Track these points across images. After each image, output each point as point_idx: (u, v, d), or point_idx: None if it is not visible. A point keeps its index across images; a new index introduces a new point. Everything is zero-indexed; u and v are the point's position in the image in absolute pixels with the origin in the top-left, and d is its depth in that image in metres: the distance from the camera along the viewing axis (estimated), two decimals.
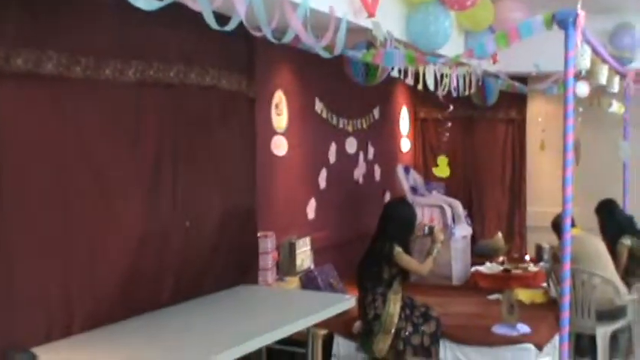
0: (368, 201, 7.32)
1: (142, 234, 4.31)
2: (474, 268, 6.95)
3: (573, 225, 5.79)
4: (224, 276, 5.01)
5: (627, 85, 7.44)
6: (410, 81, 5.71)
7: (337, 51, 4.38)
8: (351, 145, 7.23)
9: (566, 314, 4.75)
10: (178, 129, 4.63)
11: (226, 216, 5.03)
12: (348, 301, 4.91)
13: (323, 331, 5.35)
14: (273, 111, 5.98)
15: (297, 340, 4.87)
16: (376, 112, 7.72)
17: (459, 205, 7.17)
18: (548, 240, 6.74)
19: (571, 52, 4.62)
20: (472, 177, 8.90)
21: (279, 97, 6.05)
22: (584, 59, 5.23)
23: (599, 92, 7.33)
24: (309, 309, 4.62)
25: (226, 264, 5.03)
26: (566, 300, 4.77)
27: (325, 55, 4.33)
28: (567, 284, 4.78)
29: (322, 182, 6.73)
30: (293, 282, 5.74)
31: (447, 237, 6.72)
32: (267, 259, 5.48)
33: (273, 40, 3.58)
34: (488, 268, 6.84)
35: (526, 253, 7.34)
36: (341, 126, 7.02)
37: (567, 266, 4.77)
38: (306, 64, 6.10)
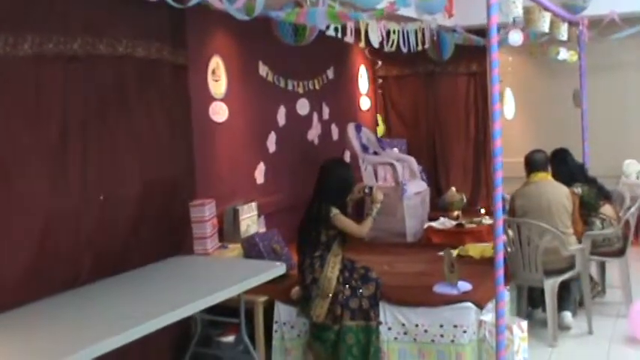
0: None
1: (48, 212, 3.94)
2: (427, 225, 6.52)
3: (544, 169, 5.50)
4: (153, 248, 4.65)
5: (581, 32, 6.92)
6: (350, 39, 5.33)
7: (256, 11, 3.98)
8: (302, 107, 6.85)
9: (500, 272, 4.36)
10: (88, 102, 4.23)
11: (150, 187, 4.66)
12: (278, 269, 4.54)
13: (263, 298, 4.99)
14: (210, 77, 5.59)
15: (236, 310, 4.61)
16: (330, 73, 7.32)
17: (413, 161, 6.78)
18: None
19: None
20: (436, 132, 8.51)
21: (216, 63, 5.66)
22: (517, 7, 4.76)
23: (551, 41, 6.84)
24: (238, 277, 4.27)
25: (154, 236, 4.67)
26: (500, 257, 4.37)
27: (241, 16, 3.98)
28: (500, 240, 4.38)
29: (271, 146, 6.38)
30: (235, 249, 5.36)
31: (399, 194, 6.37)
32: (206, 227, 5.09)
33: (173, 4, 3.26)
34: (440, 223, 6.46)
35: (482, 206, 6.91)
36: (290, 88, 6.63)
37: (500, 222, 4.36)
38: (247, 28, 5.64)
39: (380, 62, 6.74)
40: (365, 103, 8.19)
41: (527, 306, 5.71)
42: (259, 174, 6.20)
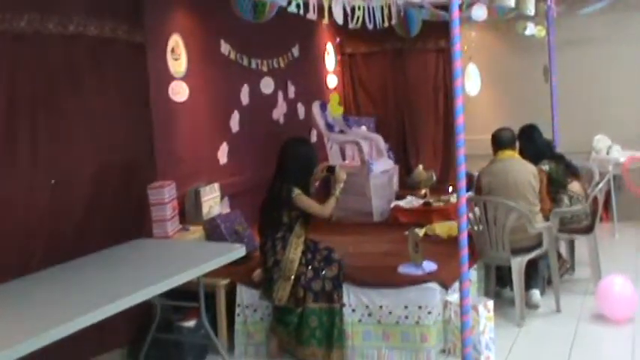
0: None
1: None
2: (393, 204, 6.46)
3: (511, 147, 5.45)
4: (109, 233, 4.55)
5: (549, 8, 6.86)
6: (312, 16, 5.23)
7: None
8: (267, 86, 6.74)
9: (464, 252, 4.31)
10: (37, 82, 4.11)
11: (106, 169, 4.57)
12: (237, 251, 4.43)
13: (224, 281, 4.94)
14: (169, 56, 5.46)
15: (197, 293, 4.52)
16: (295, 50, 7.20)
17: (379, 139, 6.72)
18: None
19: None
20: (405, 109, 8.43)
21: (176, 42, 5.53)
22: None
23: (518, 16, 6.78)
24: (197, 260, 4.18)
25: (111, 220, 4.58)
26: (464, 236, 4.32)
27: None
28: (464, 219, 4.32)
29: (235, 125, 6.27)
30: (197, 231, 5.28)
31: (365, 173, 6.30)
32: (165, 210, 5.00)
33: None
34: (407, 202, 6.39)
35: (450, 184, 6.85)
36: (254, 66, 6.51)
37: (463, 200, 4.30)
38: (208, 4, 5.63)
39: (338, 39, 6.63)
40: (332, 81, 8.09)
41: (496, 285, 5.68)
42: (222, 154, 6.09)
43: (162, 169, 5.23)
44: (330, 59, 8.09)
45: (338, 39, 7.46)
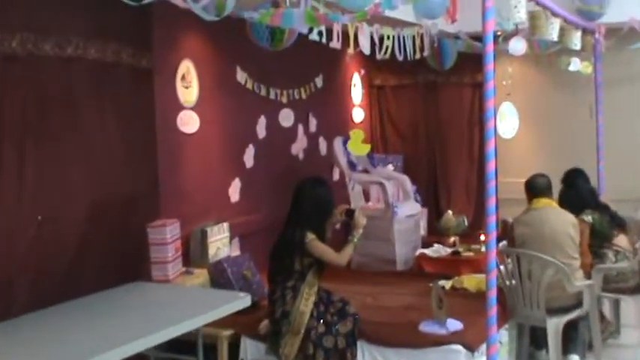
0: None
1: None
2: (419, 251, 6.23)
3: (544, 194, 5.27)
4: (103, 275, 4.38)
5: (597, 42, 6.63)
6: (336, 44, 5.10)
7: (226, 11, 3.77)
8: (286, 118, 6.61)
9: (492, 311, 4.08)
10: (28, 106, 3.97)
11: (101, 205, 4.40)
12: (240, 300, 4.24)
13: (227, 332, 4.74)
14: (179, 83, 5.34)
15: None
16: (319, 81, 7.08)
17: (406, 180, 6.53)
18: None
19: (488, 1, 3.87)
20: (436, 148, 8.22)
21: (187, 68, 5.41)
22: (518, 12, 4.48)
23: (562, 50, 6.57)
24: (195, 309, 4.00)
25: (105, 261, 4.41)
26: (492, 294, 4.08)
27: (208, 17, 3.80)
28: (494, 275, 4.09)
29: (249, 160, 6.14)
30: (201, 275, 5.10)
31: (389, 217, 6.09)
32: (167, 251, 4.81)
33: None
34: (434, 250, 6.16)
35: (480, 233, 6.59)
36: (272, 97, 6.37)
37: (493, 254, 4.07)
38: (223, 29, 5.42)
39: (363, 70, 6.49)
40: (358, 115, 7.94)
41: (530, 345, 5.42)
42: (234, 191, 5.94)
43: (167, 205, 5.07)
44: (357, 91, 7.94)
45: (363, 70, 7.30)
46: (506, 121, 5.07)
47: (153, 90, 4.94)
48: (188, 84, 5.40)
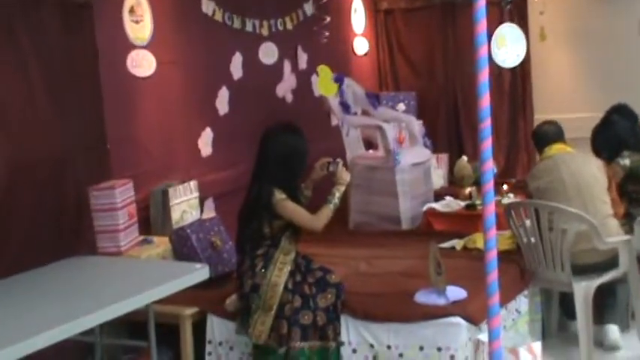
0: (304, 123, 6.50)
1: None
2: (427, 206, 6.14)
3: (556, 140, 5.25)
4: (31, 250, 4.35)
5: None
6: None
7: None
8: (268, 54, 6.56)
9: (492, 276, 3.92)
10: None
11: (25, 167, 4.34)
12: (198, 272, 4.17)
13: (191, 311, 4.71)
14: (127, 18, 5.25)
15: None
16: (308, 7, 6.99)
17: (413, 122, 6.44)
18: None
19: None
20: (457, 82, 8.10)
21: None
22: None
23: None
24: (141, 286, 3.92)
25: (33, 234, 4.38)
26: (492, 255, 3.93)
27: None
28: (493, 234, 3.95)
29: (222, 106, 6.09)
30: (162, 244, 5.07)
31: (390, 166, 6.00)
32: (117, 218, 4.77)
33: None
34: (445, 204, 6.08)
35: (504, 182, 6.46)
36: (249, 29, 6.31)
37: (491, 208, 3.92)
38: None
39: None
40: (361, 46, 7.86)
41: (563, 315, 5.41)
42: (205, 143, 5.92)
43: (118, 163, 5.05)
44: (359, 18, 7.84)
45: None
46: (506, 47, 4.86)
47: (93, 28, 4.85)
48: (139, 18, 5.32)
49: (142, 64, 5.34)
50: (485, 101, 3.91)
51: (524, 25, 7.87)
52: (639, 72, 7.18)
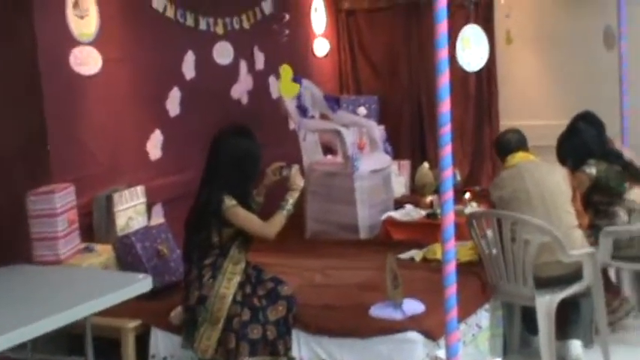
0: (260, 126, 6.48)
1: None
2: (386, 215, 6.13)
3: (518, 148, 5.24)
4: None
5: None
6: None
7: None
8: (223, 53, 6.55)
9: (451, 290, 3.93)
10: None
11: None
12: (140, 283, 4.12)
13: (134, 324, 4.66)
14: (71, 12, 5.17)
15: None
16: (266, 5, 6.98)
17: (373, 127, 6.48)
18: None
19: None
20: (422, 85, 8.11)
21: None
22: None
23: None
24: (77, 298, 3.85)
25: None
26: (451, 268, 3.92)
27: None
28: (451, 245, 3.94)
29: (173, 107, 6.07)
30: (104, 253, 5.00)
31: (348, 172, 5.96)
32: (56, 224, 4.71)
33: None
34: (404, 213, 6.05)
35: (467, 190, 6.43)
36: (203, 27, 6.30)
37: (449, 218, 3.90)
38: None
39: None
40: (321, 47, 7.86)
41: (524, 330, 5.34)
42: (154, 146, 5.89)
43: (59, 166, 5.01)
44: (319, 17, 7.84)
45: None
46: (470, 49, 4.80)
47: (32, 22, 4.80)
48: (83, 12, 5.26)
49: (87, 61, 5.29)
50: (445, 106, 3.91)
51: (490, 27, 7.88)
52: (605, 79, 7.12)
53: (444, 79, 3.92)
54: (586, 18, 7.55)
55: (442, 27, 3.90)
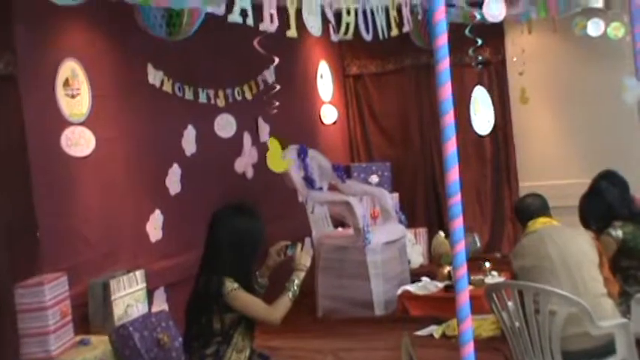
0: (267, 200, 6.40)
1: None
2: (402, 289, 5.92)
3: (540, 214, 4.90)
4: None
5: None
6: (269, 26, 4.64)
7: None
8: (225, 126, 6.46)
9: None
10: None
11: None
12: None
13: None
14: (61, 91, 5.04)
15: None
16: (269, 74, 6.82)
17: (385, 195, 6.29)
18: None
19: None
20: (435, 149, 7.94)
21: (71, 70, 5.13)
22: None
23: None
24: None
25: None
26: (469, 349, 3.57)
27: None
28: (468, 324, 3.58)
29: (174, 185, 5.95)
30: (101, 345, 4.73)
31: (360, 245, 5.74)
32: (46, 318, 4.48)
33: None
34: (421, 287, 5.82)
35: (487, 258, 6.17)
36: (203, 100, 6.20)
37: (465, 295, 3.56)
38: (122, 18, 5.12)
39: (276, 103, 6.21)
40: (329, 114, 7.75)
41: None
42: (154, 227, 5.74)
43: (50, 253, 4.80)
44: (326, 84, 7.73)
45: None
46: (480, 112, 4.55)
47: (20, 102, 4.62)
48: (75, 91, 5.13)
49: (79, 142, 5.15)
50: (454, 174, 3.59)
51: (504, 87, 7.74)
52: (626, 135, 7.00)
53: (451, 146, 3.61)
54: (601, 72, 7.42)
55: (446, 90, 3.60)
